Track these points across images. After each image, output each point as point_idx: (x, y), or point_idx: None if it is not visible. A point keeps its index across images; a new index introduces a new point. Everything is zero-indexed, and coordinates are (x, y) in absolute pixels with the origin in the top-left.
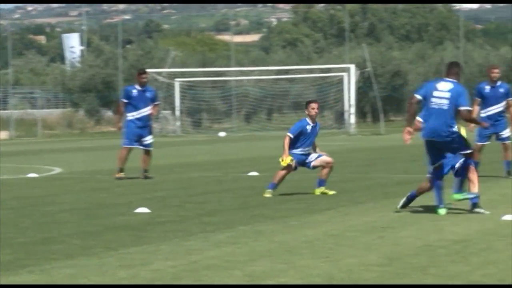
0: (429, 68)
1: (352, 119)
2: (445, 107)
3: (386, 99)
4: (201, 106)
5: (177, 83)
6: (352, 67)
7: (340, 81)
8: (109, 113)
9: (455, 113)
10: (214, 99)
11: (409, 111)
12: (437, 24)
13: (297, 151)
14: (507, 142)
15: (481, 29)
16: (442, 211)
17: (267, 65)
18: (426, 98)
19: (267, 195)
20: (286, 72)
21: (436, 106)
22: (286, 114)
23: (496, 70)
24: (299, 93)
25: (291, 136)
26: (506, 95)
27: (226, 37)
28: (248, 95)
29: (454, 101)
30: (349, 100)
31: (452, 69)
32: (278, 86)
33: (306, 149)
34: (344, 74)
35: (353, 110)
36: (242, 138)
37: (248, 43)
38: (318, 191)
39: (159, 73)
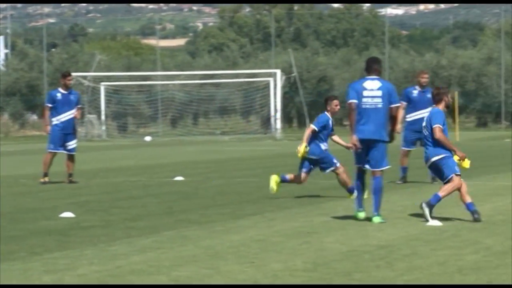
0: (355, 74)
1: (278, 124)
2: (380, 106)
3: (312, 104)
4: (127, 111)
5: (102, 87)
6: (278, 72)
7: (266, 86)
8: (33, 117)
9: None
10: (139, 104)
11: (352, 119)
12: (362, 29)
13: (322, 145)
14: None
15: (406, 35)
16: (361, 214)
17: (193, 70)
18: (358, 100)
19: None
20: (212, 76)
21: (369, 106)
22: (212, 119)
23: (426, 76)
24: (225, 97)
25: (316, 129)
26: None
27: (152, 41)
28: (174, 100)
29: (387, 98)
30: (275, 105)
31: (373, 66)
32: (204, 91)
33: (326, 144)
34: (270, 79)
35: (279, 115)
36: (168, 142)
37: (174, 48)
38: (350, 196)
39: (84, 77)
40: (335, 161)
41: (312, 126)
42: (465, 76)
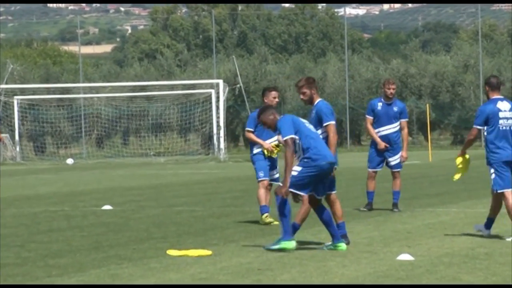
0: None
1: (222, 143)
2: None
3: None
4: (45, 129)
5: (16, 102)
6: (221, 82)
7: (207, 99)
8: None
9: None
10: (59, 120)
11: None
12: (318, 32)
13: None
14: (397, 170)
15: (369, 38)
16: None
17: (121, 81)
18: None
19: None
20: (144, 88)
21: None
22: (144, 138)
23: (393, 86)
24: (159, 113)
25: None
26: (400, 115)
27: (73, 48)
28: (99, 116)
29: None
30: (217, 121)
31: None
32: (134, 105)
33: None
34: (212, 90)
35: (222, 132)
36: (94, 166)
37: (99, 55)
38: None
39: None
40: (260, 173)
41: (247, 129)
42: (438, 86)
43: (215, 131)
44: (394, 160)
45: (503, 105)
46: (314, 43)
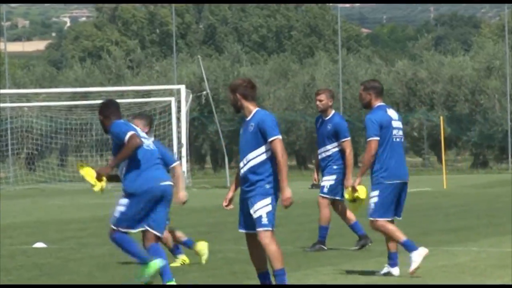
0: (294, 91)
1: (184, 164)
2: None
3: (232, 135)
4: None
5: None
6: (183, 88)
7: (165, 109)
8: None
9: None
10: None
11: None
12: (304, 26)
13: None
14: (322, 195)
15: (369, 34)
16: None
17: (58, 86)
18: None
19: None
20: (86, 96)
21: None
22: (87, 157)
23: (321, 97)
24: None
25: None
26: (335, 134)
27: None
28: (30, 130)
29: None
30: (179, 137)
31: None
32: (74, 117)
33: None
34: (172, 99)
35: (185, 151)
36: (23, 192)
37: (29, 54)
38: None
39: None
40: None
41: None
42: (454, 94)
43: (175, 149)
44: (322, 182)
45: (392, 113)
46: (300, 39)
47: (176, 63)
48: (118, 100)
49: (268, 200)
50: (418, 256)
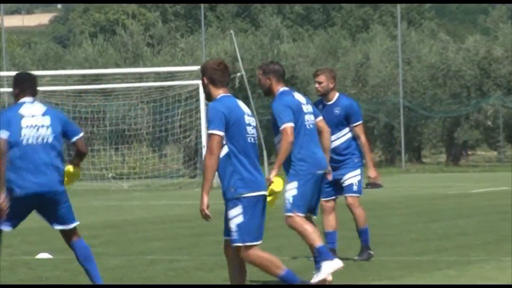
0: (345, 72)
1: None
2: None
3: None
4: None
5: None
6: None
7: (192, 94)
8: None
9: None
10: None
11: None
12: None
13: None
14: (354, 195)
15: (434, 5)
16: None
17: (65, 68)
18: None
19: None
20: (98, 79)
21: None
22: (99, 152)
23: (320, 78)
24: (121, 115)
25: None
26: (345, 118)
27: None
28: None
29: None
30: (208, 129)
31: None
32: (84, 104)
33: None
34: (199, 82)
35: None
36: None
37: (31, 30)
38: None
39: None
40: None
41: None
42: None
43: (204, 142)
44: (347, 180)
45: (300, 97)
46: (352, 11)
47: (205, 40)
48: (136, 84)
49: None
50: (329, 267)
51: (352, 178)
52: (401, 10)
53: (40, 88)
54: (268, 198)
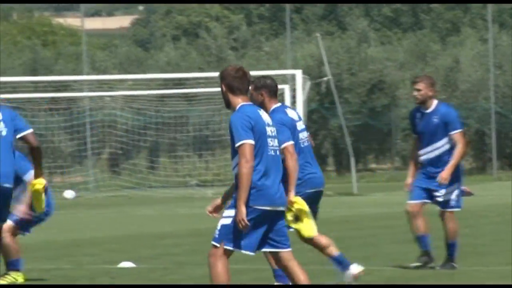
0: (435, 77)
1: None
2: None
3: (359, 131)
4: None
5: None
6: (298, 74)
7: (278, 99)
8: None
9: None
10: (53, 132)
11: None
12: None
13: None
14: (451, 210)
15: None
16: None
17: (147, 72)
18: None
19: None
20: (181, 83)
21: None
22: (182, 158)
23: (419, 86)
24: (204, 120)
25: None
26: (444, 127)
27: (73, 21)
28: (114, 125)
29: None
30: None
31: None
32: (167, 109)
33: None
34: (285, 86)
35: None
36: (106, 201)
37: (112, 32)
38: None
39: None
40: None
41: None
42: None
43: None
44: (442, 194)
45: (293, 114)
46: (441, 13)
47: (290, 43)
48: (210, 89)
49: None
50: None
51: (449, 193)
52: (492, 12)
53: (122, 93)
54: (301, 224)
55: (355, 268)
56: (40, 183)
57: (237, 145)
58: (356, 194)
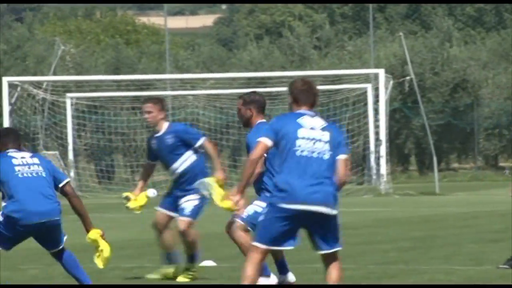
0: None
1: (384, 167)
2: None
3: (442, 130)
4: (113, 143)
5: (69, 102)
6: (381, 73)
7: (359, 98)
8: None
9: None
10: (135, 131)
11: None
12: None
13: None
14: None
15: None
16: None
17: (230, 70)
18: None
19: None
20: (264, 82)
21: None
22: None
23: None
24: None
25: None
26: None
27: (156, 20)
28: (197, 124)
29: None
30: (377, 132)
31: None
32: None
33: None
34: (367, 86)
35: (384, 150)
36: None
37: (195, 31)
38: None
39: (37, 84)
40: None
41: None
42: None
43: (372, 147)
44: None
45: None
46: None
47: (374, 42)
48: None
49: None
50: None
51: None
52: None
53: (204, 92)
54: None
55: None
56: (95, 233)
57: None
58: (438, 193)
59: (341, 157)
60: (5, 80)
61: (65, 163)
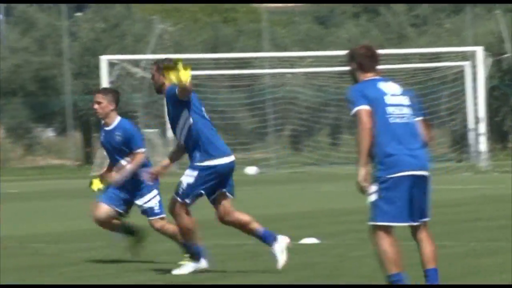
0: None
1: (483, 144)
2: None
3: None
4: (212, 122)
5: None
6: (479, 51)
7: (457, 76)
8: (49, 134)
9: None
10: (234, 109)
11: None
12: None
13: None
14: None
15: None
16: None
17: (328, 48)
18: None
19: None
20: None
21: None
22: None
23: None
24: None
25: None
26: None
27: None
28: (295, 102)
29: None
30: (475, 112)
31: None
32: (348, 86)
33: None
34: (466, 63)
35: (483, 128)
36: (288, 177)
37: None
38: None
39: (136, 63)
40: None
41: None
42: None
43: (471, 125)
44: None
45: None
46: None
47: (471, 20)
48: (401, 66)
49: None
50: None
51: None
52: None
53: (302, 70)
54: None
55: (282, 240)
56: None
57: (352, 113)
58: None
59: (421, 119)
60: (104, 58)
61: (165, 141)
